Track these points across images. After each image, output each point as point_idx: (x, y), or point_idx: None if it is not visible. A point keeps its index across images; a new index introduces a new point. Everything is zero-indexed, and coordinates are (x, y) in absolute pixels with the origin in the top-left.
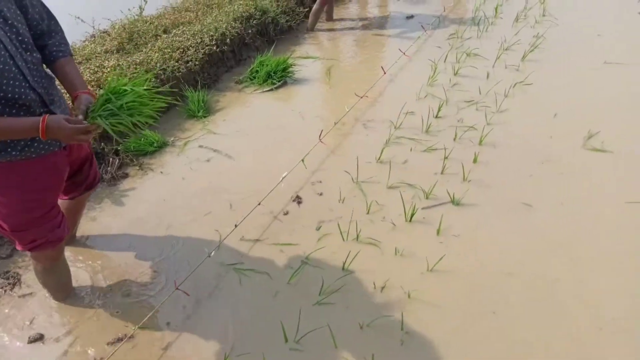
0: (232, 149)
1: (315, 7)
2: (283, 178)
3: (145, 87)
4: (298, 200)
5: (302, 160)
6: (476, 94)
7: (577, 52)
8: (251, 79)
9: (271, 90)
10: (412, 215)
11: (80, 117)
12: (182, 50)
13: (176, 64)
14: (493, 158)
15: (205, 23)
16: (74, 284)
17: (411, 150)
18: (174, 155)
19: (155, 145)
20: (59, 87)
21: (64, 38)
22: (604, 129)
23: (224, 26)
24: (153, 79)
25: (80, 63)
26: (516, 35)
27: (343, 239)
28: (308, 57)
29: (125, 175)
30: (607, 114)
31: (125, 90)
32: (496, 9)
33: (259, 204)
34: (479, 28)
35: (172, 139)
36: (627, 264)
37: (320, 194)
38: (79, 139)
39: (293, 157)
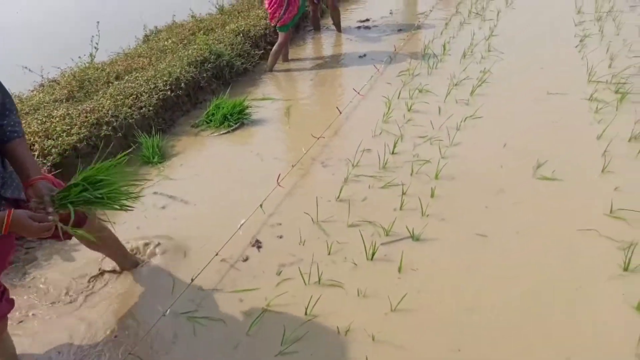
0: (189, 194)
1: (274, 48)
2: (241, 225)
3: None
4: (257, 244)
5: (261, 206)
6: (430, 129)
7: (522, 85)
8: (207, 122)
9: (228, 132)
10: (373, 253)
11: (50, 209)
12: (135, 96)
13: (129, 110)
14: (449, 191)
15: (159, 68)
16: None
17: (370, 187)
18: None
19: None
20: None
21: (17, 117)
22: (552, 158)
23: (178, 71)
24: (105, 127)
25: (27, 113)
26: (464, 70)
27: (305, 283)
28: (265, 98)
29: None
30: (554, 142)
31: (101, 180)
32: (444, 46)
33: (217, 254)
34: (429, 65)
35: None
36: (582, 293)
37: (280, 237)
38: (43, 235)
39: (252, 200)
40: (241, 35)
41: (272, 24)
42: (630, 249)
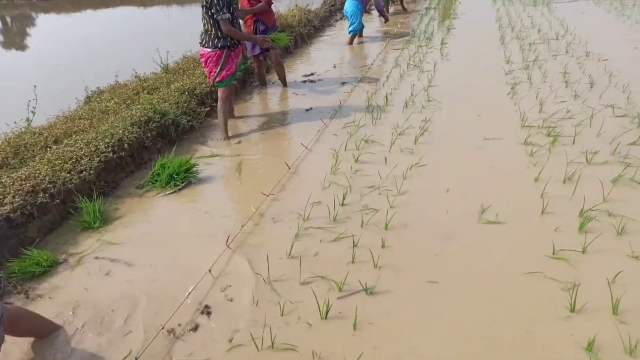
0: (134, 260)
1: (218, 105)
2: (189, 294)
3: None
4: (207, 310)
5: (209, 271)
6: (377, 179)
7: (461, 132)
8: (153, 183)
9: (174, 192)
10: (327, 311)
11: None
12: (74, 160)
13: (68, 175)
14: (400, 241)
15: (100, 130)
16: None
17: (321, 241)
18: (66, 276)
19: (44, 265)
20: None
21: None
22: (495, 202)
23: (121, 132)
24: (41, 194)
25: None
26: (407, 120)
27: (258, 349)
28: (213, 155)
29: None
30: (495, 187)
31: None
32: (387, 97)
33: (163, 328)
34: (373, 116)
35: (63, 256)
36: (533, 337)
37: (231, 300)
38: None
39: (201, 262)
40: (186, 93)
41: (210, 83)
42: (574, 290)
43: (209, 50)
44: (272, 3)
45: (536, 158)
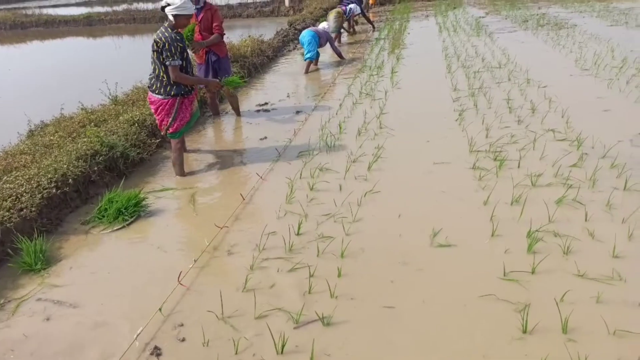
0: (79, 301)
1: (173, 157)
2: (137, 335)
3: None
4: (157, 352)
5: (160, 309)
6: (332, 207)
7: (412, 158)
8: (100, 218)
9: (123, 227)
10: (283, 345)
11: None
12: (14, 197)
13: (7, 213)
14: (355, 269)
15: (43, 165)
16: None
17: (277, 272)
18: (1, 324)
19: None
20: None
21: None
22: (446, 226)
23: (65, 166)
24: None
25: None
26: (360, 148)
27: None
28: (164, 189)
29: None
30: (446, 210)
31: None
32: (340, 125)
33: None
34: (327, 144)
35: (1, 301)
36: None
37: (183, 340)
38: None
39: (151, 300)
40: (136, 124)
41: (162, 133)
42: (526, 311)
43: (160, 97)
44: (224, 34)
45: (484, 182)
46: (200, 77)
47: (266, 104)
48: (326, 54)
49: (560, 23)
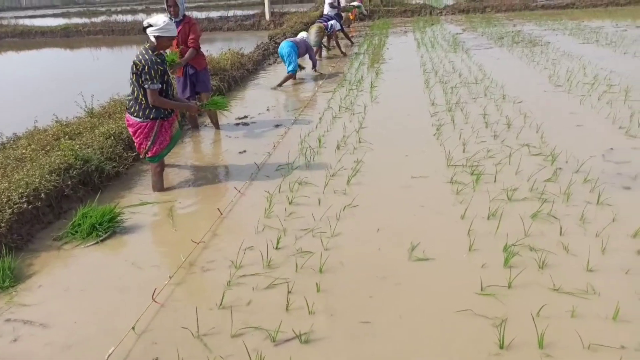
0: (50, 321)
1: (152, 180)
2: (109, 356)
3: None
4: None
5: (133, 328)
6: (311, 221)
7: (391, 172)
8: (73, 234)
9: (97, 243)
10: None
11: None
12: None
13: None
14: (334, 284)
15: (14, 179)
16: None
17: (254, 289)
18: None
19: None
20: None
21: None
22: (424, 240)
23: (38, 180)
24: None
25: None
26: (339, 162)
27: None
28: (143, 203)
29: None
30: (424, 225)
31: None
32: (319, 139)
33: None
34: (306, 158)
35: None
36: None
37: (156, 359)
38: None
39: (124, 318)
40: (112, 137)
41: (141, 157)
42: (502, 326)
43: (138, 120)
44: (200, 47)
45: (462, 196)
46: (179, 102)
47: (246, 117)
48: (305, 70)
49: (534, 40)
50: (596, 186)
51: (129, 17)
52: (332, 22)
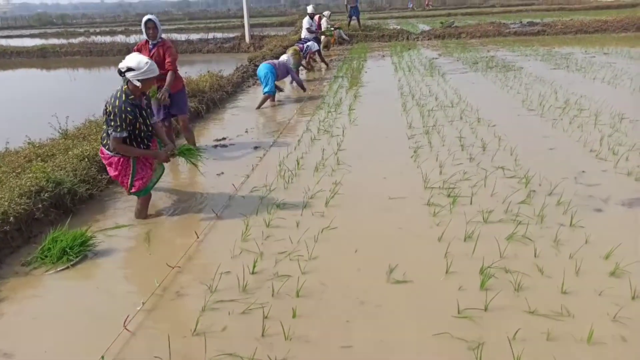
0: (16, 350)
1: (136, 209)
2: None
3: None
4: None
5: (102, 357)
6: (289, 244)
7: (369, 194)
8: (42, 259)
9: (67, 268)
10: None
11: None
12: None
13: None
14: (311, 308)
15: None
16: None
17: (229, 314)
18: None
19: None
20: None
21: None
22: (402, 262)
23: (7, 203)
24: None
25: None
26: (318, 184)
27: None
28: (117, 227)
29: None
30: (402, 247)
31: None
32: (298, 161)
33: None
34: (285, 180)
35: None
36: None
37: None
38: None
39: (93, 348)
40: (87, 159)
41: (128, 194)
42: (479, 349)
43: (110, 153)
44: (177, 69)
45: (439, 218)
46: (148, 150)
47: (224, 139)
48: (283, 92)
49: (507, 65)
50: (569, 208)
51: (108, 38)
52: (309, 43)
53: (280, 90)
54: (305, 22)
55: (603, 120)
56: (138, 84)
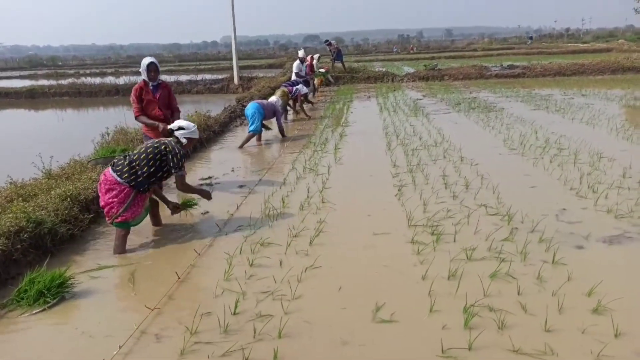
0: None
1: (115, 245)
2: None
3: None
4: None
5: None
6: (272, 283)
7: (354, 232)
8: (18, 301)
9: (44, 310)
10: None
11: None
12: None
13: None
14: (293, 350)
15: None
16: None
17: (209, 357)
18: None
19: None
20: None
21: None
22: (387, 301)
23: None
24: None
25: None
26: (302, 222)
27: None
28: (101, 267)
29: None
30: (386, 286)
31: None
32: (283, 199)
33: None
34: (270, 218)
35: None
36: None
37: None
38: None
39: None
40: (69, 199)
41: (108, 221)
42: None
43: (120, 180)
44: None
45: (423, 256)
46: (199, 189)
47: (209, 178)
48: (270, 132)
49: (489, 106)
50: (551, 245)
51: (97, 79)
52: (299, 86)
53: (269, 129)
54: (295, 66)
55: (582, 159)
56: (184, 140)
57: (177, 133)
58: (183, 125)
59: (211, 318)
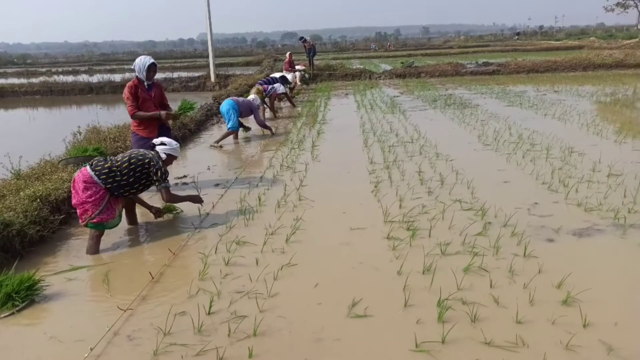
0: None
1: (88, 246)
2: None
3: None
4: None
5: None
6: (247, 282)
7: (330, 229)
8: None
9: (13, 314)
10: None
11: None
12: None
13: None
14: (268, 348)
15: None
16: None
17: (182, 357)
18: None
19: None
20: None
21: None
22: (363, 297)
23: None
24: None
25: None
26: (279, 220)
27: None
28: (73, 267)
29: None
30: (362, 281)
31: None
32: (259, 197)
33: None
34: (246, 217)
35: None
36: None
37: None
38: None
39: None
40: (38, 200)
41: (82, 223)
42: None
43: (97, 180)
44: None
45: (398, 251)
46: (188, 195)
47: (185, 176)
48: (253, 127)
49: (464, 103)
50: (523, 239)
51: (70, 78)
52: (276, 85)
53: (248, 128)
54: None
55: (554, 154)
56: (164, 156)
57: (158, 148)
58: (165, 142)
59: (185, 318)
